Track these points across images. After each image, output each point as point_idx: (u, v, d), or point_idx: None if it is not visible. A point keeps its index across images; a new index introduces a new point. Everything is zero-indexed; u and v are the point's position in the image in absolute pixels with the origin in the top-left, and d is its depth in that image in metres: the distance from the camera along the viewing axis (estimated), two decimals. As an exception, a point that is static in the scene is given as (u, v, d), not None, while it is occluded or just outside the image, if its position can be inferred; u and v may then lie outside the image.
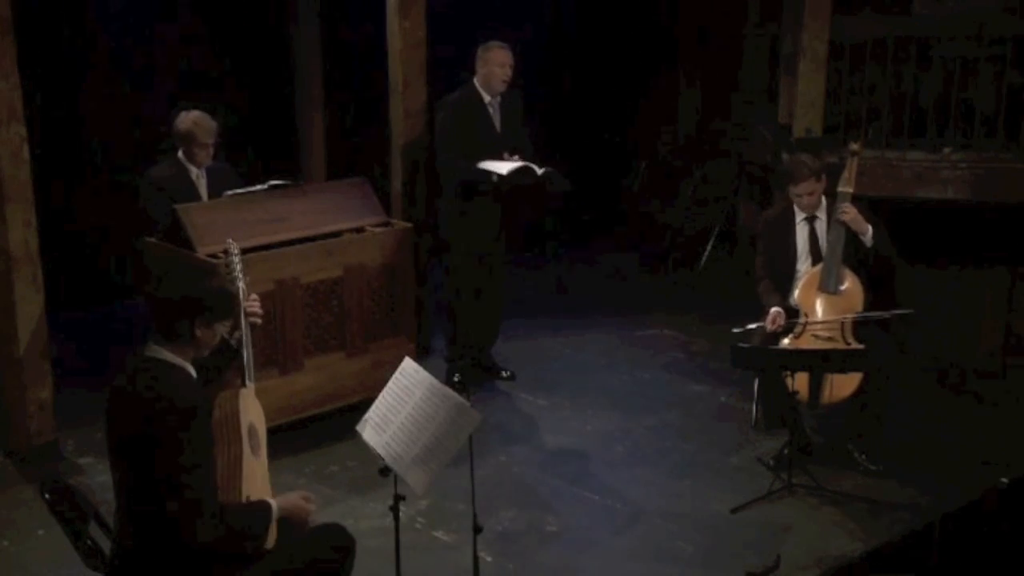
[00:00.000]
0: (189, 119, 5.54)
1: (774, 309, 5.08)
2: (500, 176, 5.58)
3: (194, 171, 5.61)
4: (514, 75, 5.85)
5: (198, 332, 3.14)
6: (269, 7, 7.73)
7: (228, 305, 3.24)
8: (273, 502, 3.27)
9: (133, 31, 7.17)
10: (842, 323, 4.99)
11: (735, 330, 5.09)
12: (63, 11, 6.92)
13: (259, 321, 3.72)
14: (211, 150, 5.59)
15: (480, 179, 5.66)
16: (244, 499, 3.26)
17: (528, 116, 6.07)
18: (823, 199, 5.19)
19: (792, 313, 5.13)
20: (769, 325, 5.04)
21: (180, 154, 5.61)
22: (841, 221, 5.02)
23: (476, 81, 5.82)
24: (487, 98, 5.81)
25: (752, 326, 5.08)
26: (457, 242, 5.92)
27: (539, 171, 5.64)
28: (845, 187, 5.09)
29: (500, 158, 5.68)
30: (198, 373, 3.29)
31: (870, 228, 5.05)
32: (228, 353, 3.59)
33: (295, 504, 3.36)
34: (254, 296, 3.70)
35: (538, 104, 8.67)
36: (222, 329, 3.26)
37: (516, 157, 5.68)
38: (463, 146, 5.73)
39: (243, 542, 3.16)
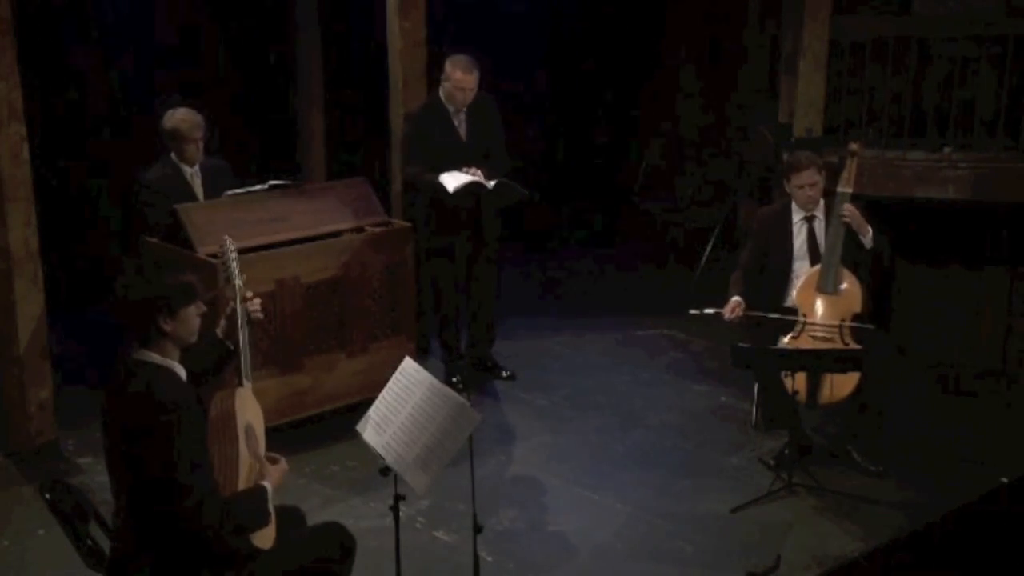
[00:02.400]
0: (175, 117, 5.52)
1: (735, 299, 5.10)
2: (448, 193, 5.56)
3: (188, 170, 5.59)
4: (512, 76, 5.85)
5: (166, 327, 3.12)
6: (269, 7, 7.73)
7: (184, 292, 3.18)
8: (265, 483, 3.26)
9: (133, 31, 7.17)
10: (840, 324, 4.99)
11: (692, 311, 5.12)
12: (62, 12, 6.92)
13: (260, 316, 3.71)
14: (200, 145, 5.56)
15: (434, 191, 5.65)
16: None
17: (526, 116, 6.06)
18: (822, 200, 5.20)
19: (790, 313, 5.13)
20: (727, 313, 5.07)
21: (172, 155, 5.59)
22: (843, 222, 5.02)
23: (440, 91, 5.80)
24: (451, 108, 5.79)
25: (710, 311, 5.10)
26: (431, 247, 5.92)
27: (489, 185, 5.59)
28: (845, 187, 5.09)
29: (461, 168, 5.62)
30: (192, 375, 3.29)
31: (870, 229, 5.06)
32: (224, 354, 3.58)
33: (280, 474, 3.34)
34: (250, 294, 3.68)
35: (538, 103, 8.71)
36: (194, 313, 3.21)
37: (474, 171, 5.61)
38: (428, 156, 5.72)
39: (247, 531, 3.16)
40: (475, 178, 5.57)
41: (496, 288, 6.19)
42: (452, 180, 5.56)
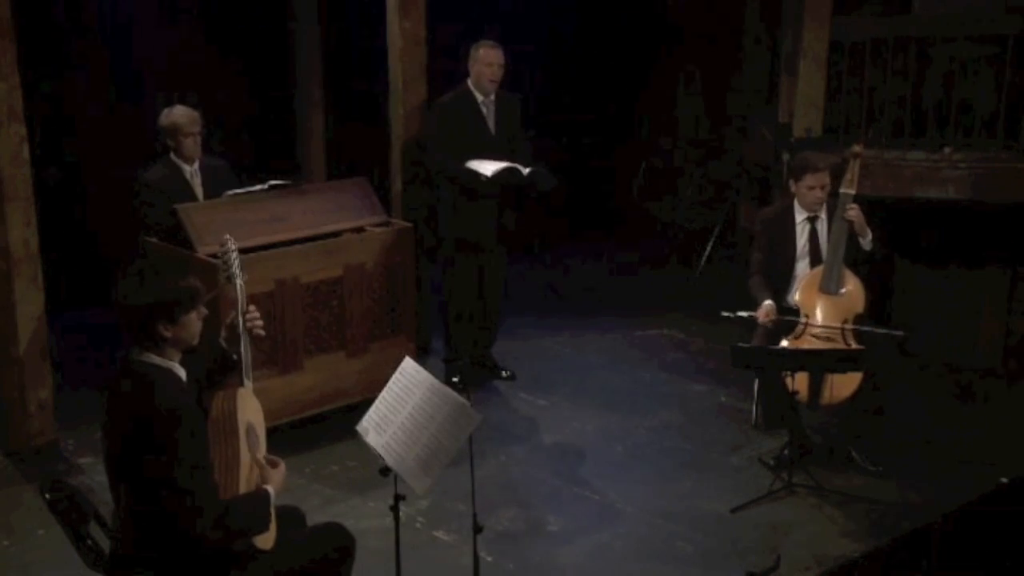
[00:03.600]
0: (173, 113, 5.55)
1: (767, 302, 5.09)
2: (486, 177, 5.57)
3: (187, 170, 5.60)
4: (512, 75, 5.86)
5: (167, 333, 3.11)
6: (269, 7, 7.73)
7: (186, 299, 3.15)
8: (268, 487, 3.26)
9: (133, 30, 7.17)
10: (843, 324, 4.98)
11: (724, 313, 5.11)
12: (62, 11, 6.92)
13: (263, 333, 3.67)
14: (199, 140, 5.57)
15: (467, 179, 5.66)
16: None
17: (528, 116, 6.06)
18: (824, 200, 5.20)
19: (791, 313, 5.13)
20: (762, 317, 5.06)
21: (172, 155, 5.61)
22: (847, 219, 5.02)
23: (469, 81, 5.83)
24: (480, 98, 5.80)
25: (743, 314, 5.09)
26: (453, 241, 5.92)
27: (525, 171, 5.62)
28: (847, 188, 5.09)
29: (487, 159, 5.65)
30: (195, 383, 3.28)
31: (870, 232, 5.07)
32: (227, 364, 3.55)
33: (281, 478, 3.34)
34: (252, 307, 3.64)
35: (538, 103, 8.71)
36: (195, 318, 3.18)
37: (505, 160, 5.65)
38: (456, 146, 5.72)
39: (248, 535, 3.16)
40: (511, 164, 5.60)
41: (502, 289, 6.19)
42: (489, 165, 5.59)
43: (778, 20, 7.49)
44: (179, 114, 5.53)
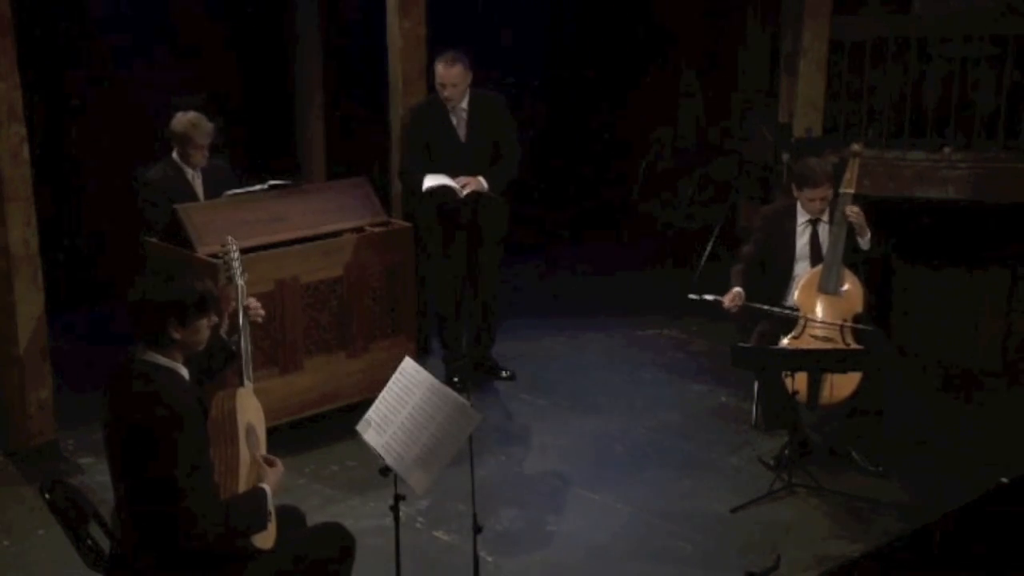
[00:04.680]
0: (186, 120, 5.53)
1: (736, 289, 5.11)
2: (422, 191, 5.61)
3: (189, 171, 5.61)
4: (510, 77, 5.86)
5: (176, 335, 3.11)
6: (269, 7, 7.73)
7: (200, 304, 3.16)
8: (265, 486, 3.26)
9: (132, 30, 7.18)
10: (841, 324, 4.99)
11: (691, 296, 5.13)
12: (63, 13, 6.92)
13: (260, 319, 3.69)
14: (206, 151, 5.59)
15: (415, 187, 5.69)
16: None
17: (525, 117, 6.04)
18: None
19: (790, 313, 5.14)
20: (727, 301, 5.07)
21: (175, 155, 5.61)
22: (846, 220, 5.02)
23: None
24: (449, 105, 5.78)
25: (709, 297, 5.10)
26: (432, 245, 5.92)
27: (461, 193, 5.60)
28: (846, 188, 5.09)
29: (456, 165, 5.66)
30: (197, 382, 3.28)
31: (869, 232, 5.07)
32: (226, 355, 3.57)
33: (278, 477, 3.34)
34: (252, 299, 3.66)
35: (538, 102, 8.71)
36: (205, 324, 3.20)
37: (463, 180, 5.62)
38: (425, 153, 5.73)
39: (248, 534, 3.16)
40: (448, 183, 5.59)
41: (497, 288, 6.18)
42: (431, 181, 5.59)
43: (778, 20, 7.49)
44: (192, 124, 5.50)
